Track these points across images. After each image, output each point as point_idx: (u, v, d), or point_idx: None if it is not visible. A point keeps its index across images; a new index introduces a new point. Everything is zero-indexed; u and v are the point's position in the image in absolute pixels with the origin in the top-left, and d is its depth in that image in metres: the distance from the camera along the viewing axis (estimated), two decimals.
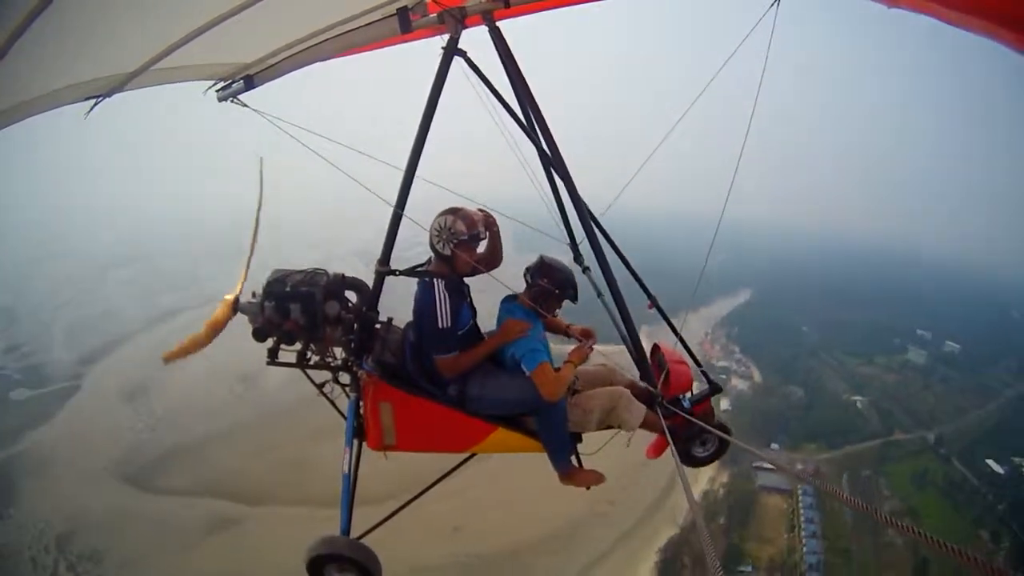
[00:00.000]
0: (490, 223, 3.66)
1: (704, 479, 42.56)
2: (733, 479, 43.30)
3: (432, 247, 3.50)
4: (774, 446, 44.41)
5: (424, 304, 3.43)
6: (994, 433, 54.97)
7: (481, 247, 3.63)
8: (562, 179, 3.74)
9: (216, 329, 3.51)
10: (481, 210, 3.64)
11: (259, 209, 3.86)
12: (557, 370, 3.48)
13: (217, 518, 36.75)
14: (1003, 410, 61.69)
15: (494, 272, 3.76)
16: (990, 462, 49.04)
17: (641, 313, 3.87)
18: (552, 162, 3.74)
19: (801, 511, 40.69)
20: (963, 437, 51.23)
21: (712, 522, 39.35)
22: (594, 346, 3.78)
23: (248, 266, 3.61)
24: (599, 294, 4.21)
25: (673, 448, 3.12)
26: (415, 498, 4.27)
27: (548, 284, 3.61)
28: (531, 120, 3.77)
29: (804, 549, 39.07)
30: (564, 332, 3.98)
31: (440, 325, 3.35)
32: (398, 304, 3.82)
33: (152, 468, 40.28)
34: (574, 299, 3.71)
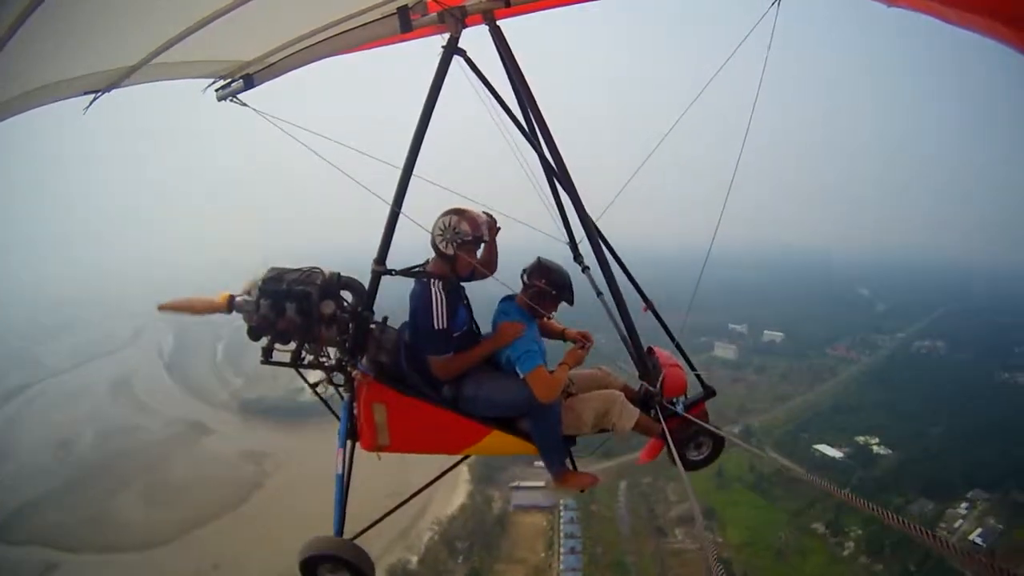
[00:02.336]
0: (492, 227, 3.63)
1: (454, 503, 41.67)
2: (482, 501, 42.82)
3: (434, 246, 3.48)
4: (538, 463, 43.50)
5: (420, 304, 3.41)
6: (830, 415, 55.52)
7: (481, 250, 3.62)
8: (561, 178, 3.73)
9: (211, 309, 3.50)
10: (485, 213, 3.62)
11: None
12: (551, 372, 3.46)
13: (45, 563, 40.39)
14: (840, 389, 62.12)
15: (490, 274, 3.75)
16: (820, 447, 49.62)
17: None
18: (551, 161, 3.73)
19: (561, 527, 40.20)
20: (782, 425, 51.75)
21: (450, 547, 38.43)
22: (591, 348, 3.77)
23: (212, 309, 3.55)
24: (599, 294, 4.19)
25: (673, 448, 3.10)
26: (409, 499, 4.24)
27: (545, 285, 3.59)
28: (531, 120, 3.76)
29: (561, 566, 38.39)
30: (560, 335, 3.96)
31: (436, 326, 3.33)
32: (394, 304, 3.80)
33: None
34: (570, 301, 3.69)
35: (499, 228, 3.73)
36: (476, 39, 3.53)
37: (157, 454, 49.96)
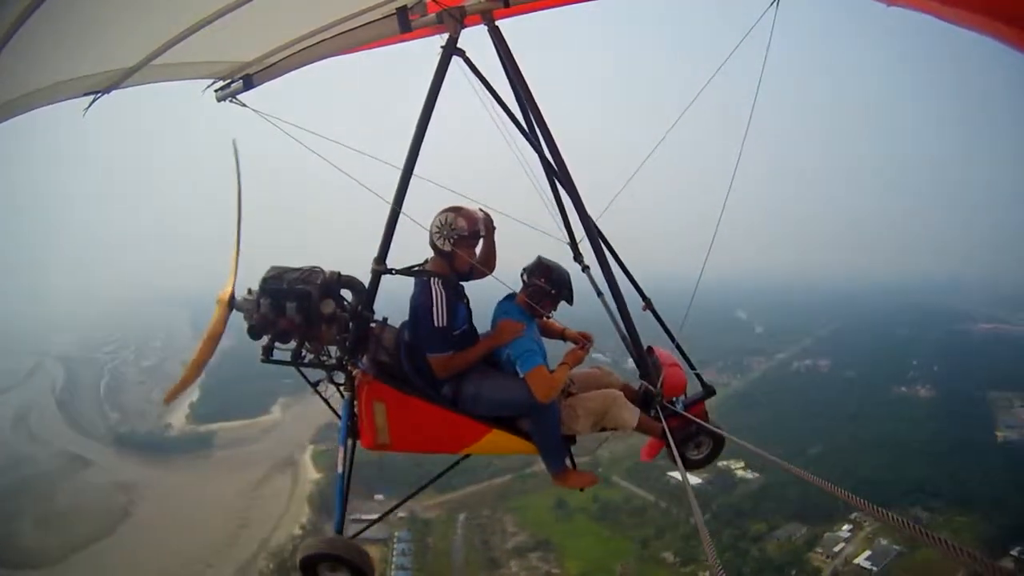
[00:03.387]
0: (489, 225, 3.65)
1: (296, 533, 42.15)
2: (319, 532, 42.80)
3: (432, 244, 3.50)
4: (379, 497, 44.08)
5: (421, 302, 3.42)
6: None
7: (479, 248, 3.62)
8: (561, 178, 3.73)
9: (216, 337, 3.52)
10: (482, 210, 3.63)
11: (239, 200, 3.79)
12: (551, 372, 3.46)
13: None
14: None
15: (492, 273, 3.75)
16: (675, 474, 46.62)
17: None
18: (551, 161, 3.73)
19: (393, 559, 40.22)
20: (628, 456, 48.66)
21: None
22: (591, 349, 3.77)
23: (236, 262, 3.58)
24: (599, 293, 4.19)
25: (674, 448, 3.09)
26: (408, 498, 4.24)
27: (545, 284, 3.60)
28: (531, 119, 3.76)
29: None
30: (560, 335, 3.96)
31: (436, 324, 3.33)
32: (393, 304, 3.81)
33: None
34: (570, 301, 3.69)
35: (495, 228, 3.73)
36: (476, 39, 3.55)
37: (45, 483, 52.44)
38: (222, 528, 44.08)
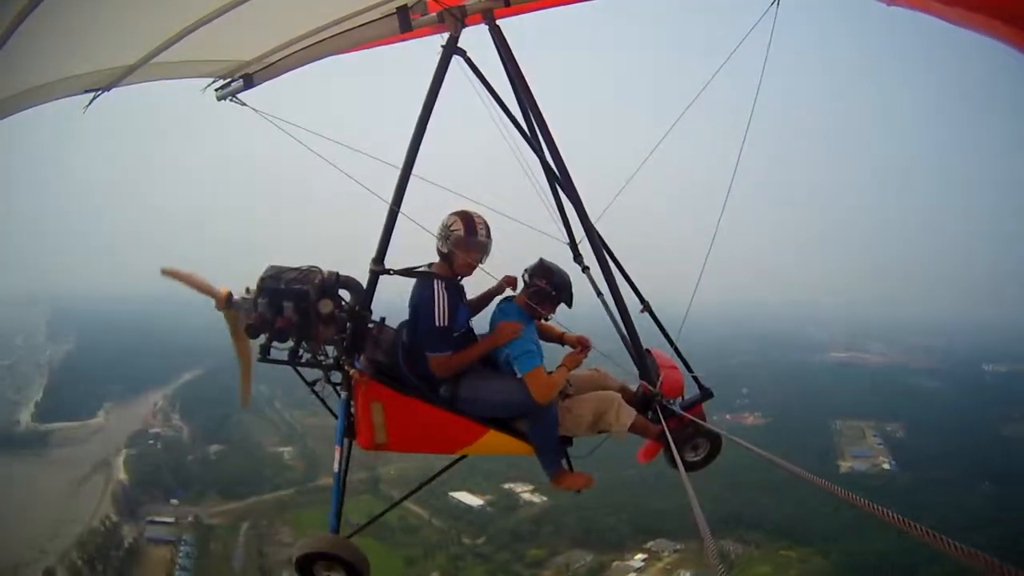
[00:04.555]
0: (486, 233, 3.54)
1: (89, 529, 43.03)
2: (115, 530, 44.32)
3: (436, 246, 3.54)
4: (174, 501, 46.50)
5: (422, 301, 3.43)
6: (480, 462, 48.96)
7: (482, 252, 3.55)
8: (561, 178, 3.72)
9: (207, 291, 3.51)
10: (479, 215, 3.59)
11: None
12: (550, 374, 3.45)
13: None
14: None
15: (494, 272, 3.73)
16: (458, 495, 46.91)
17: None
18: (551, 161, 3.73)
19: (178, 560, 41.42)
20: (416, 473, 47.87)
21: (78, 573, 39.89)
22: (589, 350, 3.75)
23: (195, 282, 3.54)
24: (599, 294, 4.18)
25: (674, 448, 3.08)
26: (404, 499, 4.22)
27: (546, 285, 3.59)
28: (531, 120, 3.76)
29: None
30: (559, 339, 3.95)
31: (436, 323, 3.34)
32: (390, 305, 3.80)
33: None
34: (569, 303, 3.68)
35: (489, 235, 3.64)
36: (477, 39, 3.54)
37: None
38: (47, 520, 44.80)
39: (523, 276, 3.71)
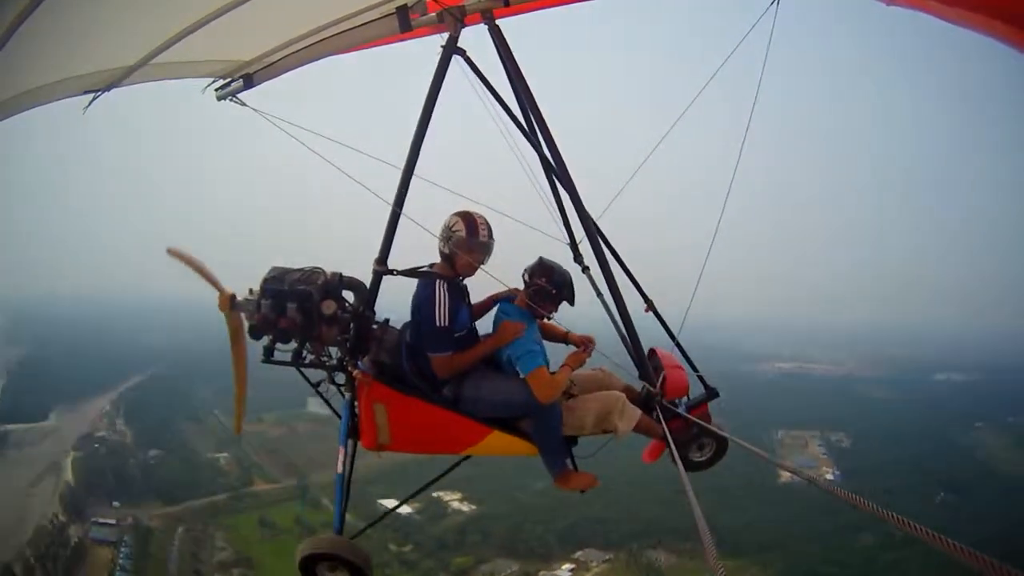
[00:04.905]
0: (488, 235, 3.54)
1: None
2: (61, 530, 45.31)
3: (438, 247, 3.53)
4: (115, 503, 47.76)
5: (423, 301, 3.43)
6: (413, 468, 48.70)
7: (484, 252, 3.55)
8: (561, 178, 3.73)
9: (212, 283, 3.49)
10: (480, 215, 3.59)
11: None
12: (553, 374, 3.45)
13: None
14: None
15: (495, 272, 3.73)
16: (386, 501, 43.29)
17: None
18: (551, 161, 3.73)
19: (119, 561, 42.78)
20: (356, 483, 51.14)
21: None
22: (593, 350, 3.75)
23: (214, 284, 3.51)
24: (599, 294, 4.19)
25: (674, 449, 3.08)
26: (406, 500, 4.23)
27: (546, 284, 3.59)
28: (531, 119, 3.76)
29: None
30: (563, 338, 3.94)
31: (438, 323, 3.34)
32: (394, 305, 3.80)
33: None
34: (571, 301, 3.67)
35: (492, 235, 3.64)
36: (477, 39, 3.54)
37: None
38: (6, 519, 45.32)
39: (523, 275, 3.71)
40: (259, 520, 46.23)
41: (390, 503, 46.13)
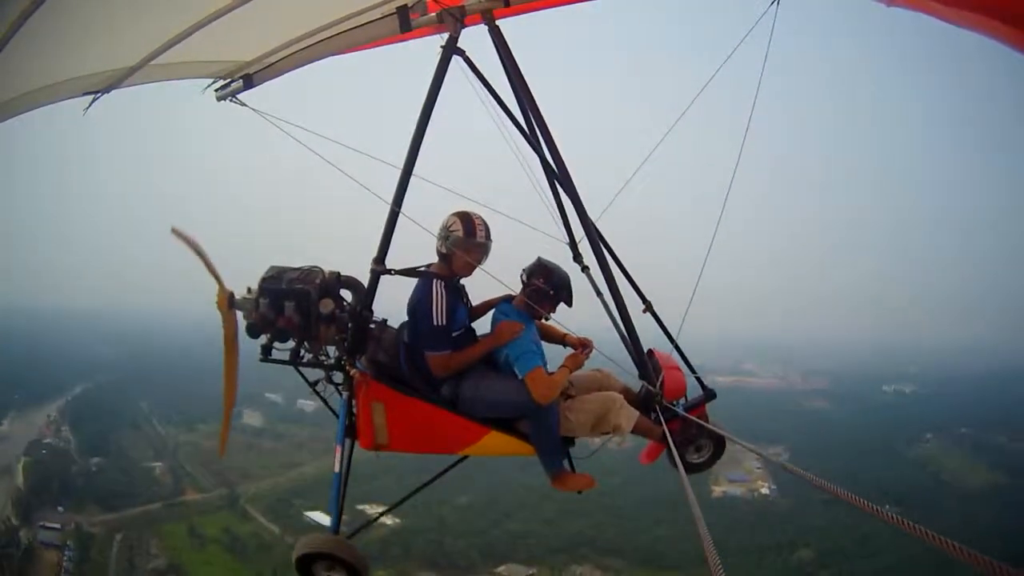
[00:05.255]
0: (486, 234, 3.54)
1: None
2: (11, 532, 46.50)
3: (436, 247, 3.54)
4: (60, 508, 49.01)
5: (420, 300, 3.43)
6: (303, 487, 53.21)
7: (482, 252, 3.55)
8: (561, 178, 3.72)
9: (233, 342, 3.50)
10: (479, 216, 3.59)
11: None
12: (551, 374, 3.45)
13: None
14: (362, 459, 57.72)
15: (493, 272, 3.73)
16: (313, 514, 46.94)
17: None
18: (551, 161, 3.73)
19: (64, 564, 44.28)
20: (278, 492, 53.71)
21: None
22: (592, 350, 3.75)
23: (213, 270, 3.49)
24: (599, 294, 4.18)
25: (674, 448, 3.08)
26: (404, 499, 4.23)
27: (544, 284, 3.58)
28: (530, 119, 3.76)
29: None
30: (561, 340, 3.94)
31: (435, 322, 3.34)
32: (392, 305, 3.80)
33: None
34: (568, 302, 3.67)
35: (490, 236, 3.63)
36: (478, 39, 3.54)
37: None
38: None
39: (521, 276, 3.70)
40: (189, 529, 47.84)
41: (316, 515, 46.69)
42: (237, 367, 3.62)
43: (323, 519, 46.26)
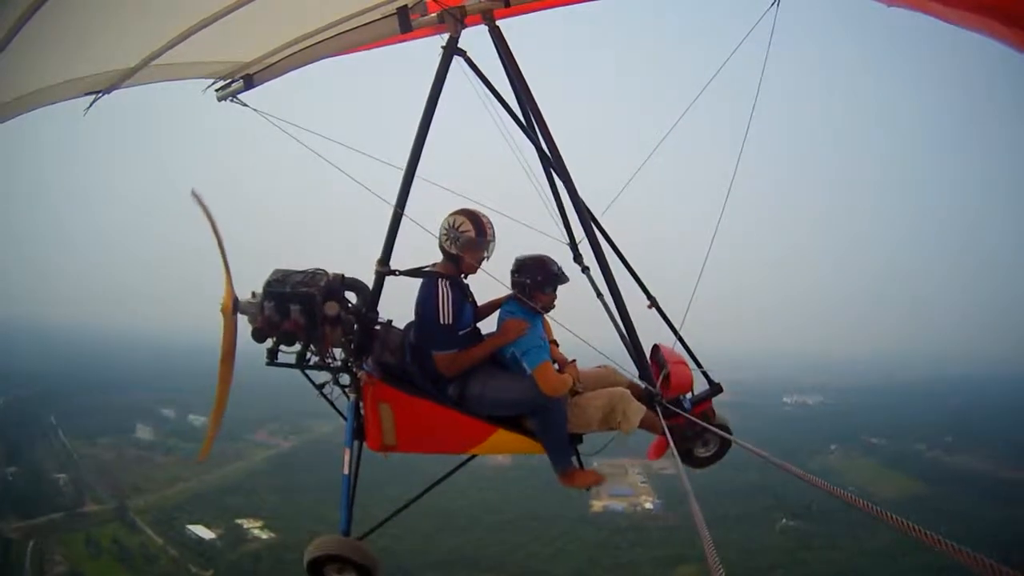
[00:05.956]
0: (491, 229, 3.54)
1: None
2: None
3: (440, 247, 3.50)
4: None
5: (426, 300, 3.43)
6: (217, 496, 54.40)
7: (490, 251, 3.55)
8: (561, 179, 3.73)
9: (231, 348, 3.46)
10: (483, 215, 3.59)
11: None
12: (560, 371, 3.45)
13: None
14: (245, 471, 59.00)
15: (495, 273, 3.74)
16: (195, 528, 49.66)
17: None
18: (552, 162, 3.74)
19: None
20: (164, 505, 54.78)
21: None
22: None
23: (227, 270, 3.48)
24: (599, 294, 4.19)
25: (674, 448, 3.10)
26: (415, 500, 4.24)
27: (520, 278, 3.56)
28: (531, 120, 3.76)
29: None
30: (552, 344, 3.92)
31: (441, 321, 3.34)
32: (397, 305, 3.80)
33: None
34: (552, 283, 3.56)
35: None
36: (478, 40, 3.53)
37: None
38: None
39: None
40: (85, 539, 49.00)
41: (197, 528, 48.65)
42: (230, 382, 3.58)
43: (203, 532, 49.00)
